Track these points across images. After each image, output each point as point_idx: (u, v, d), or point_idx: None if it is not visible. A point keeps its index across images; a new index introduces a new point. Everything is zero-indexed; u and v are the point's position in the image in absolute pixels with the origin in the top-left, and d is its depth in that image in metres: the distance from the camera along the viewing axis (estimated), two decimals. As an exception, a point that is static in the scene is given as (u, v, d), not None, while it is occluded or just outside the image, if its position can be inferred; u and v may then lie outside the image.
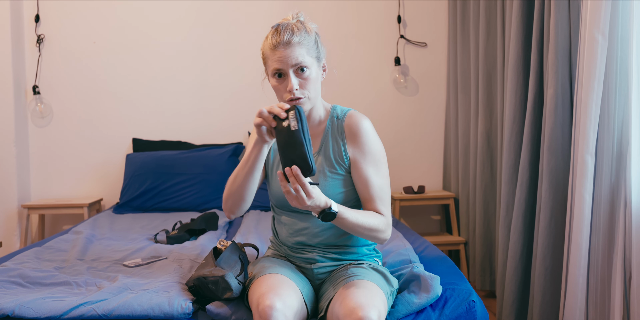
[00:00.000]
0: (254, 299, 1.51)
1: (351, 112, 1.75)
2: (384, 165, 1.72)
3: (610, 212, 2.08)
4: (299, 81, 1.64)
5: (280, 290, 1.50)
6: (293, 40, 1.62)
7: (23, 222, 3.56)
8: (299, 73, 1.64)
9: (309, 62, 1.64)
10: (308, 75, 1.64)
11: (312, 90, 1.66)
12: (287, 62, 1.62)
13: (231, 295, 1.60)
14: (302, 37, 1.64)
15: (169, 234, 2.57)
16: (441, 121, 3.87)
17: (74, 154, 3.75)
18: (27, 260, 2.11)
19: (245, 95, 3.77)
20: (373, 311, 1.43)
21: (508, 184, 2.71)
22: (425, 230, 3.87)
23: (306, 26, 1.68)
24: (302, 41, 1.63)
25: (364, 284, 1.56)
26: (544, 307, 2.36)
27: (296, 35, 1.63)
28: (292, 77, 1.63)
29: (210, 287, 1.61)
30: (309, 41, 1.65)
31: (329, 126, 1.74)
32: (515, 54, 2.63)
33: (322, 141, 1.74)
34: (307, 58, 1.64)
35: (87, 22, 3.72)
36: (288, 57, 1.62)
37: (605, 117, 2.08)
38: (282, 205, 1.76)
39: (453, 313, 1.60)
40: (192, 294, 1.67)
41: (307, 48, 1.64)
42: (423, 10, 3.81)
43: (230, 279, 1.60)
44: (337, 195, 1.70)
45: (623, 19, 2.04)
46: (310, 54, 1.65)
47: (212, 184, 3.42)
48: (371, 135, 1.71)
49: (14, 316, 1.56)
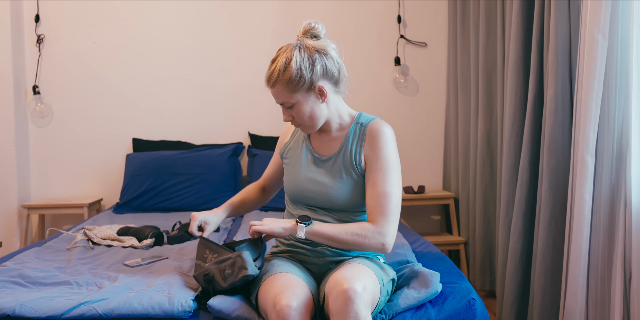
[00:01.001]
0: (269, 297, 1.51)
1: (376, 120, 1.77)
2: (396, 174, 1.70)
3: (610, 212, 2.08)
4: (291, 114, 1.73)
5: (295, 289, 1.52)
6: (272, 81, 1.68)
7: (23, 222, 3.56)
8: (286, 109, 1.73)
9: (292, 99, 1.69)
10: (297, 110, 1.71)
11: (306, 120, 1.72)
12: (276, 99, 1.73)
13: (246, 273, 1.59)
14: (285, 74, 1.66)
15: (169, 234, 2.58)
16: (441, 121, 3.87)
17: (74, 154, 3.75)
18: (27, 260, 2.11)
19: (246, 95, 3.77)
20: (358, 283, 1.44)
21: (508, 184, 2.71)
22: (425, 230, 3.87)
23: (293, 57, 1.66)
24: (281, 80, 1.66)
25: (354, 265, 1.60)
26: (544, 307, 2.36)
27: (274, 75, 1.67)
28: (283, 111, 1.75)
29: (226, 274, 1.61)
30: (295, 74, 1.66)
31: (351, 132, 1.77)
32: (515, 54, 2.63)
33: (342, 144, 1.76)
34: (288, 96, 1.68)
35: (87, 22, 3.72)
36: (275, 96, 1.72)
37: (605, 117, 2.08)
38: (297, 200, 1.80)
39: (452, 309, 1.60)
40: (202, 284, 1.66)
41: (289, 86, 1.67)
42: (423, 10, 3.81)
43: (246, 256, 1.60)
44: (350, 198, 1.73)
45: (623, 19, 2.04)
46: (292, 91, 1.67)
47: (212, 184, 3.42)
48: (389, 141, 1.72)
49: (14, 316, 1.56)
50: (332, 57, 1.70)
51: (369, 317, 1.44)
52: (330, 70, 1.70)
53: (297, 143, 1.88)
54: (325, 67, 1.69)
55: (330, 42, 1.73)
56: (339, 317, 1.42)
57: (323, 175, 1.76)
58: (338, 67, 1.72)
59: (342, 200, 1.73)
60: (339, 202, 1.73)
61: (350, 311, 1.41)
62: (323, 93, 1.71)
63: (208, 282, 1.64)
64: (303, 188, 1.77)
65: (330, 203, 1.74)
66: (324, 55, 1.69)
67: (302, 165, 1.81)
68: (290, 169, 1.85)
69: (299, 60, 1.66)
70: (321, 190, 1.74)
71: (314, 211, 1.77)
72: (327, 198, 1.74)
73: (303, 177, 1.78)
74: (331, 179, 1.74)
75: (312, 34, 1.72)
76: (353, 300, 1.41)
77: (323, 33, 1.74)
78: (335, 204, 1.74)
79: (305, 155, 1.82)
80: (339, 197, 1.73)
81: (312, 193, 1.76)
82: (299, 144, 1.86)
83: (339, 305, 1.42)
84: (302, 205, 1.80)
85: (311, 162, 1.80)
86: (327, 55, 1.69)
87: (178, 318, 1.57)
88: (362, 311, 1.42)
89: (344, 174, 1.73)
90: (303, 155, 1.83)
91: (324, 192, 1.74)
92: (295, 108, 1.70)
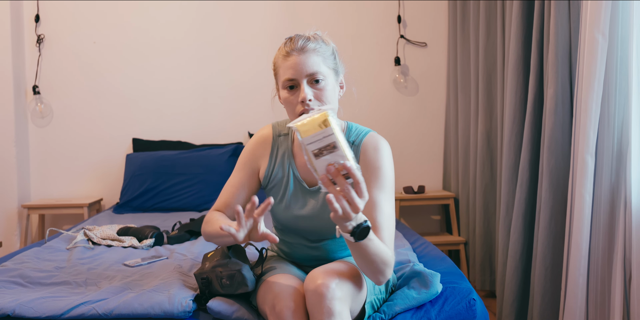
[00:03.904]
0: (268, 299, 1.50)
1: (369, 138, 1.61)
2: (391, 193, 1.56)
3: (610, 212, 2.08)
4: (314, 92, 1.49)
5: (293, 290, 1.50)
6: (308, 46, 1.49)
7: (23, 222, 3.56)
8: (313, 84, 1.49)
9: (325, 72, 1.50)
10: (324, 86, 1.50)
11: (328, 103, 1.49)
12: (300, 71, 1.48)
13: (246, 290, 1.58)
14: (319, 44, 1.52)
15: (169, 234, 2.58)
16: (441, 121, 3.87)
17: (74, 154, 3.75)
18: (27, 260, 2.11)
19: (246, 95, 3.77)
20: (331, 278, 1.40)
21: (508, 184, 2.71)
22: (425, 230, 3.87)
23: (324, 38, 1.57)
24: (318, 48, 1.51)
25: (336, 262, 1.56)
26: (544, 307, 2.36)
27: (312, 42, 1.51)
28: (305, 86, 1.48)
29: (223, 283, 1.58)
30: (326, 50, 1.53)
31: None
32: (515, 54, 2.63)
33: None
34: (322, 68, 1.50)
35: (87, 22, 3.72)
36: (302, 64, 1.47)
37: (605, 117, 2.08)
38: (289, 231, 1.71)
39: (452, 310, 1.60)
40: (200, 287, 1.66)
41: (324, 57, 1.52)
42: (423, 10, 3.81)
43: (247, 272, 1.57)
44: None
45: (623, 19, 2.04)
46: (327, 64, 1.52)
47: (212, 184, 3.42)
48: (386, 159, 1.58)
49: (14, 316, 1.56)
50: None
51: (345, 312, 1.40)
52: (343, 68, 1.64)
53: (280, 169, 1.66)
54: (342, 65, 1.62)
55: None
56: (315, 313, 1.39)
57: (316, 210, 1.62)
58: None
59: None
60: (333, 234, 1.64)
61: (323, 306, 1.37)
62: (342, 86, 1.61)
63: (205, 286, 1.65)
64: (295, 225, 1.66)
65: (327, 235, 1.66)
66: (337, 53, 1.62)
67: (292, 202, 1.65)
68: (276, 204, 1.67)
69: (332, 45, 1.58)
70: (315, 226, 1.64)
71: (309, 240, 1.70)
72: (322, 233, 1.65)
73: (293, 216, 1.65)
74: (325, 212, 1.60)
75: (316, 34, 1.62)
76: (325, 296, 1.38)
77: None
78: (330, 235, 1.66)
79: (293, 186, 1.64)
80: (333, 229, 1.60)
81: (304, 230, 1.67)
82: (283, 171, 1.66)
83: (313, 301, 1.40)
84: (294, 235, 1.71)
85: (300, 196, 1.64)
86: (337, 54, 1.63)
87: (178, 318, 1.57)
88: (336, 306, 1.37)
89: None
90: (290, 187, 1.64)
91: (318, 229, 1.64)
92: (321, 84, 1.49)
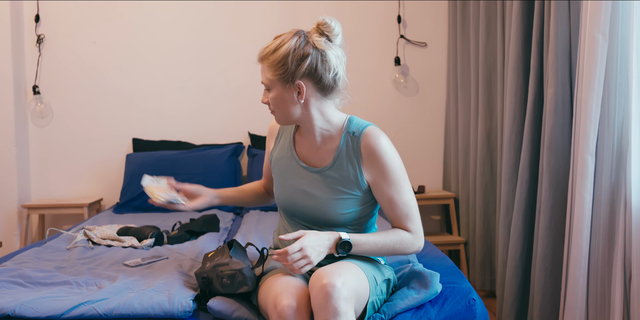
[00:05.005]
0: (269, 298, 1.50)
1: (368, 130, 1.65)
2: (406, 181, 1.66)
3: (610, 212, 2.08)
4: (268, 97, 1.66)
5: (296, 289, 1.51)
6: (260, 56, 1.63)
7: (23, 222, 3.56)
8: (266, 91, 1.67)
9: (270, 83, 1.62)
10: (272, 96, 1.64)
11: (277, 111, 1.65)
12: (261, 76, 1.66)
13: (247, 290, 1.58)
14: (269, 55, 1.60)
15: (169, 234, 2.58)
16: (441, 121, 3.87)
17: (74, 154, 3.75)
18: (27, 260, 2.11)
19: (246, 95, 3.77)
20: (337, 278, 1.43)
21: (508, 184, 2.71)
22: (425, 230, 3.86)
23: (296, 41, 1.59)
24: (267, 60, 1.61)
25: (341, 262, 1.58)
26: (544, 307, 2.36)
27: (264, 52, 1.61)
28: (263, 92, 1.68)
29: (224, 282, 1.58)
30: (274, 58, 1.59)
31: (344, 144, 1.66)
32: (515, 54, 2.63)
33: (336, 157, 1.66)
34: (268, 77, 1.62)
35: (87, 22, 3.72)
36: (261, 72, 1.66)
37: (605, 117, 2.08)
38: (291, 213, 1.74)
39: (452, 310, 1.60)
40: (200, 287, 1.66)
41: (271, 66, 1.60)
42: (423, 10, 3.81)
43: (247, 272, 1.58)
44: (349, 213, 1.67)
45: (623, 19, 2.04)
46: (272, 75, 1.61)
47: (212, 184, 3.39)
48: (390, 154, 1.64)
49: (14, 316, 1.56)
50: (328, 61, 1.59)
51: (350, 312, 1.42)
52: (319, 73, 1.58)
53: (282, 152, 1.77)
54: (313, 68, 1.57)
55: (336, 48, 1.62)
56: (320, 312, 1.41)
57: (316, 188, 1.67)
58: (333, 74, 1.61)
59: (338, 216, 1.66)
60: (335, 218, 1.66)
61: (329, 306, 1.39)
62: (301, 92, 1.59)
63: (206, 285, 1.64)
64: (295, 202, 1.70)
65: (326, 219, 1.67)
66: (320, 56, 1.58)
67: (292, 176, 1.72)
68: (279, 180, 1.75)
69: (290, 48, 1.58)
70: (315, 204, 1.67)
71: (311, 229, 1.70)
72: (322, 214, 1.67)
73: (294, 189, 1.71)
74: (325, 193, 1.66)
75: (322, 31, 1.63)
76: (331, 295, 1.40)
77: (334, 34, 1.63)
78: (332, 220, 1.67)
79: (294, 165, 1.72)
80: (334, 212, 1.65)
81: (306, 208, 1.69)
82: (285, 153, 1.76)
83: (319, 300, 1.41)
84: (297, 220, 1.73)
85: (302, 173, 1.70)
86: (323, 57, 1.58)
87: (178, 318, 1.57)
88: (341, 306, 1.40)
89: (340, 188, 1.65)
90: (292, 165, 1.73)
91: (319, 207, 1.66)
92: (272, 93, 1.63)
